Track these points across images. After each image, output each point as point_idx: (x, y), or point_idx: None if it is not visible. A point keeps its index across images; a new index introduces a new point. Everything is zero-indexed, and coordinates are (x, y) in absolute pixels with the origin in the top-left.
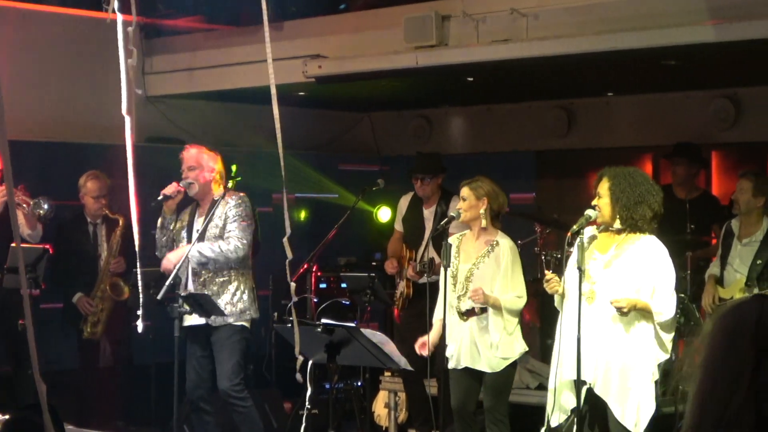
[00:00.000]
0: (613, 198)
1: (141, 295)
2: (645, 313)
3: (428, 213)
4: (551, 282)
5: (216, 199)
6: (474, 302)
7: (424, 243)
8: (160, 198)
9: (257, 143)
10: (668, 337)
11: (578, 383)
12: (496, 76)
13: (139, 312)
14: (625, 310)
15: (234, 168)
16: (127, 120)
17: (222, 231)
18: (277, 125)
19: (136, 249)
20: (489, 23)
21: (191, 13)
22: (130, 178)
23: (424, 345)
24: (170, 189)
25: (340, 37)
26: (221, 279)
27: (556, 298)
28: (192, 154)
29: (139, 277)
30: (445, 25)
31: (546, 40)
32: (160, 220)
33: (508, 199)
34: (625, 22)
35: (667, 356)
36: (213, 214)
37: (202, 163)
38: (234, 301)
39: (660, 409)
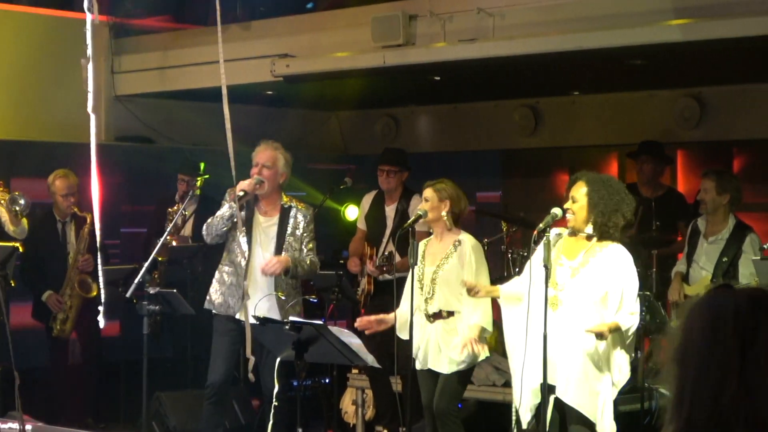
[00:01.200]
0: (590, 204)
1: (103, 292)
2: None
3: (390, 210)
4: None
5: (285, 206)
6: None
7: (385, 240)
8: (240, 194)
9: (224, 142)
10: (630, 341)
11: (544, 384)
12: (462, 75)
13: (101, 308)
14: (606, 336)
15: (202, 165)
16: (92, 118)
17: (299, 244)
18: (228, 125)
19: (98, 246)
20: (456, 23)
21: (160, 13)
22: (93, 176)
23: (369, 321)
24: (250, 185)
25: (307, 36)
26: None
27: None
28: (269, 151)
29: (100, 273)
30: (412, 25)
31: (512, 39)
32: (228, 211)
33: (475, 200)
34: (591, 22)
35: (629, 357)
36: (286, 223)
37: (277, 163)
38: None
39: (619, 407)
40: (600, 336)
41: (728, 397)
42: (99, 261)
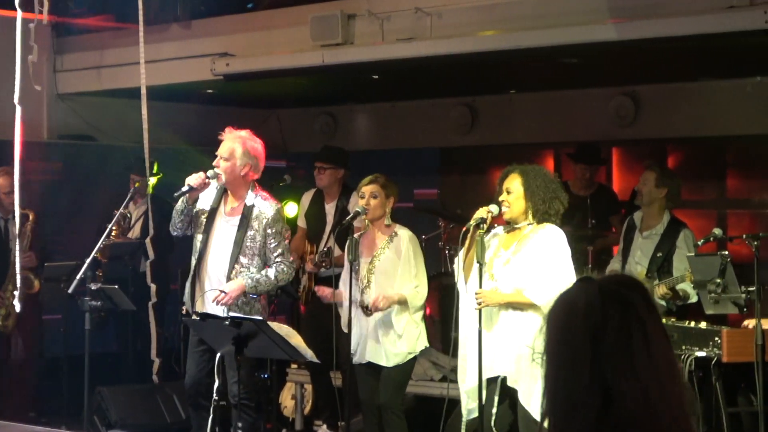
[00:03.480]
0: (528, 193)
1: (18, 285)
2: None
3: (330, 208)
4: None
5: (248, 204)
6: (382, 309)
7: (325, 237)
8: (184, 189)
9: (167, 140)
10: None
11: (480, 377)
12: (400, 73)
13: (16, 294)
14: (485, 304)
15: (156, 166)
16: (18, 110)
17: (263, 247)
18: (145, 125)
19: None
20: (393, 22)
21: (101, 12)
22: (16, 170)
23: (325, 292)
24: (195, 180)
25: (247, 35)
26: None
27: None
28: (227, 143)
29: (18, 268)
30: (351, 24)
31: (450, 38)
32: (181, 204)
33: (412, 197)
34: (527, 21)
35: None
36: (248, 223)
37: (234, 155)
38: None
39: None
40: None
41: (581, 393)
42: (17, 255)
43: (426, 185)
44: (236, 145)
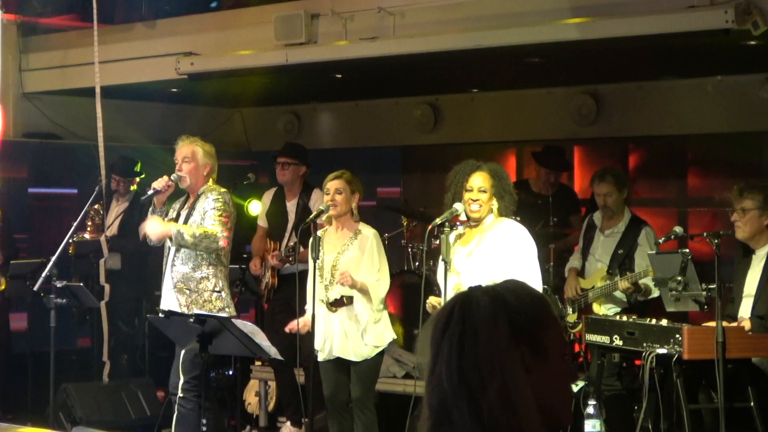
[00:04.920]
0: (498, 194)
1: None
2: None
3: (291, 205)
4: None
5: (199, 193)
6: (342, 284)
7: (287, 234)
8: (150, 192)
9: (134, 138)
10: None
11: None
12: (364, 72)
13: None
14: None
15: (138, 165)
16: None
17: (201, 226)
18: (99, 123)
19: None
20: (357, 21)
21: (66, 12)
22: None
23: (293, 327)
24: (160, 183)
25: (211, 34)
26: (199, 275)
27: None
28: (186, 146)
29: None
30: (314, 23)
31: (412, 37)
32: (150, 211)
33: (375, 196)
34: (489, 21)
35: None
36: (194, 208)
37: (196, 156)
38: (213, 299)
39: None
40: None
41: (440, 400)
42: None
43: (389, 184)
44: (196, 147)
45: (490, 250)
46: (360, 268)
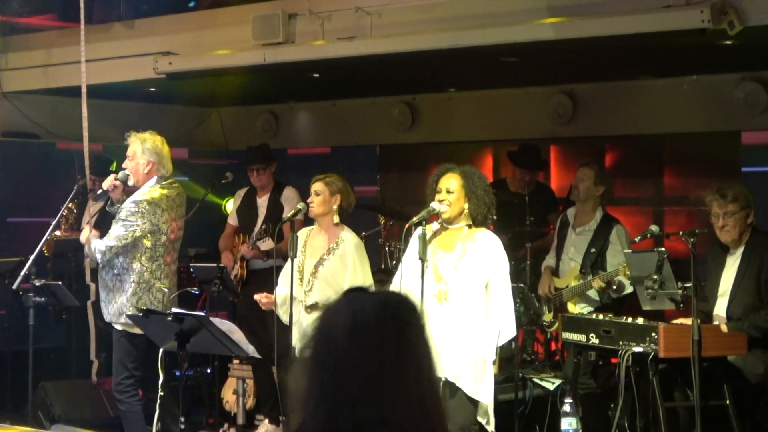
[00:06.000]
0: (468, 195)
1: None
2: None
3: (262, 201)
4: None
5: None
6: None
7: (257, 228)
8: (99, 192)
9: (111, 138)
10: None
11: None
12: (341, 72)
13: None
14: None
15: (114, 164)
16: None
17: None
18: (85, 123)
19: None
20: (334, 21)
21: (45, 12)
22: None
23: (260, 297)
24: (106, 183)
25: (190, 34)
26: (116, 276)
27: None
28: (130, 143)
29: None
30: (292, 23)
31: (390, 37)
32: (108, 205)
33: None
34: (466, 21)
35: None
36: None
37: (136, 154)
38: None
39: (498, 396)
40: None
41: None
42: None
43: (366, 183)
44: (136, 145)
45: (475, 262)
46: (338, 279)
